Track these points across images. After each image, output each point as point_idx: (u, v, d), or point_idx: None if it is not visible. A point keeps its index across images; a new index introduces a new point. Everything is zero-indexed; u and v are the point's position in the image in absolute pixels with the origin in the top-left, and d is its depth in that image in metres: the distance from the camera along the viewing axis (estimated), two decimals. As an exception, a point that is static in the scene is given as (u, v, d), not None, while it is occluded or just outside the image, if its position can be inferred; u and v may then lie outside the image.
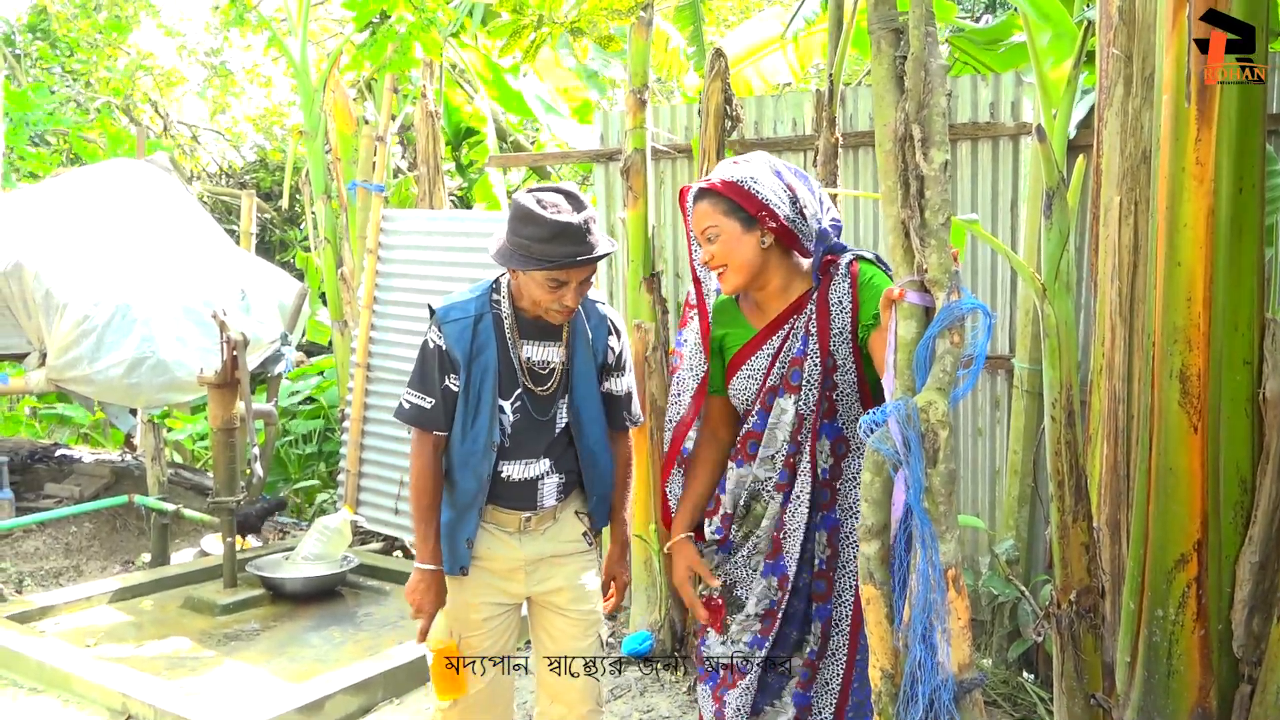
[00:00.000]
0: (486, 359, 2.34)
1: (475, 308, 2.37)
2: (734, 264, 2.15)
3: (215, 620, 4.49)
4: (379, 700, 3.61)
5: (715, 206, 2.15)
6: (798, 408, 2.17)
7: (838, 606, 2.21)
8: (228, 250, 6.29)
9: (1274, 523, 2.31)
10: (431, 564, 2.38)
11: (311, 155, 6.79)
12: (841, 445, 2.21)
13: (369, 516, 5.72)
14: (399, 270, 5.73)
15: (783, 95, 4.00)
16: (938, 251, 1.48)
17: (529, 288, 2.29)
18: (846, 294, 2.17)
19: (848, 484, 2.22)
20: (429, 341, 2.38)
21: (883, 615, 1.56)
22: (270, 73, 13.32)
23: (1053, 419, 2.49)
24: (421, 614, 2.41)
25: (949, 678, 1.44)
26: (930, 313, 1.53)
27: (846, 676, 2.20)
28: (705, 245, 2.17)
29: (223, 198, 11.69)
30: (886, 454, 1.48)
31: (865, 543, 1.56)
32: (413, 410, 2.39)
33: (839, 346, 2.16)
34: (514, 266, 2.27)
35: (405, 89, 7.70)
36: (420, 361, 2.40)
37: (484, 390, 2.34)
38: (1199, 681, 2.35)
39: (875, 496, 1.54)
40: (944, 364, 1.47)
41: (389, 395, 5.70)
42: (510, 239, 2.26)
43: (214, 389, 4.69)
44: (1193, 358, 2.27)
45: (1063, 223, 2.37)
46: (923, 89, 1.48)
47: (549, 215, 2.20)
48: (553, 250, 2.20)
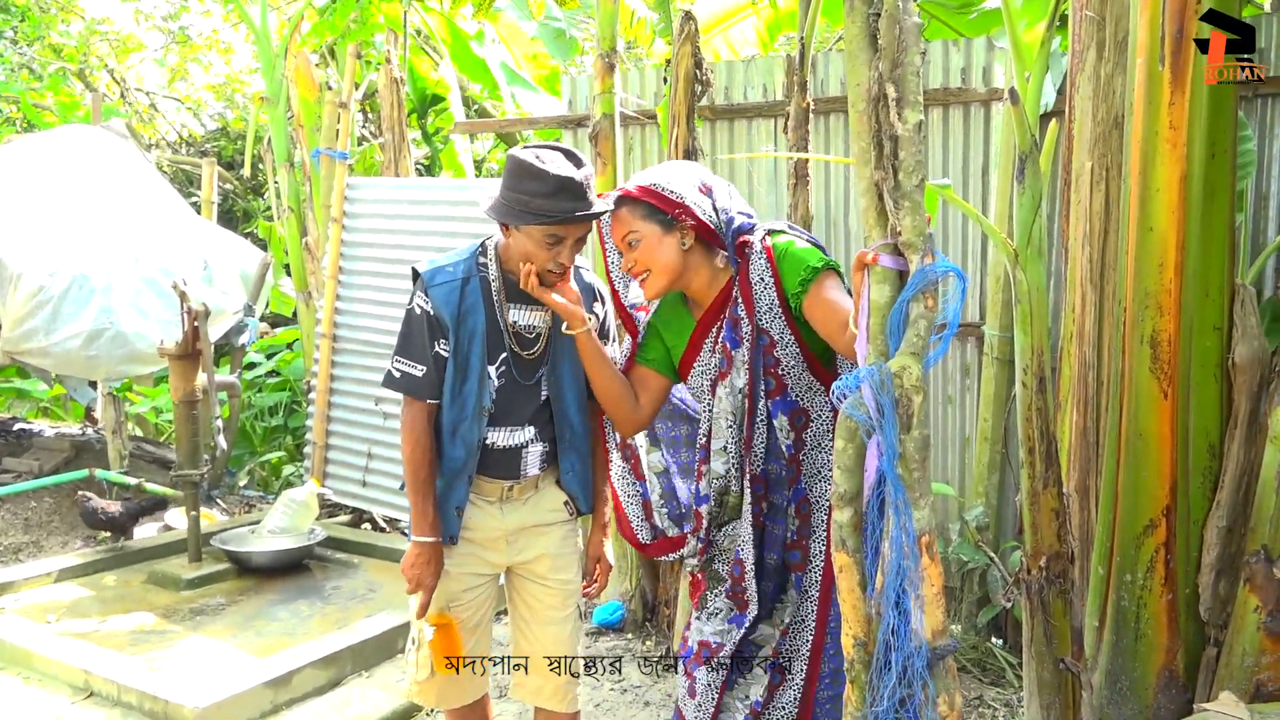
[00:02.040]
0: (474, 322, 2.29)
1: (462, 270, 2.31)
2: (656, 268, 2.15)
3: (180, 595, 4.43)
4: (347, 674, 3.58)
5: (633, 212, 2.15)
6: (730, 394, 2.17)
7: (809, 572, 2.20)
8: (188, 219, 6.15)
9: (1241, 487, 2.32)
10: (430, 536, 2.32)
11: (274, 123, 6.65)
12: (800, 417, 2.20)
13: (336, 489, 5.66)
14: (365, 239, 5.63)
15: (753, 61, 3.94)
16: (911, 214, 1.45)
17: (524, 245, 2.22)
18: (766, 269, 2.17)
19: (812, 451, 2.22)
20: (416, 307, 2.31)
21: (855, 583, 1.55)
22: (231, 39, 13.02)
23: (1024, 385, 2.49)
24: (421, 588, 2.34)
25: (922, 644, 1.42)
26: (903, 276, 1.50)
27: (817, 643, 2.19)
28: (626, 252, 2.17)
29: (183, 166, 11.43)
30: (860, 420, 1.45)
31: (838, 510, 1.54)
32: (404, 379, 2.32)
33: (772, 323, 2.15)
34: (512, 221, 2.20)
35: (369, 55, 7.54)
36: (406, 327, 2.33)
37: (472, 354, 2.29)
38: (1166, 645, 2.37)
39: (848, 464, 1.52)
40: (918, 328, 1.44)
41: (355, 366, 5.63)
42: (508, 194, 2.20)
43: (175, 361, 4.59)
44: (1164, 323, 2.27)
45: (1035, 188, 2.35)
46: (896, 47, 1.44)
47: (550, 169, 2.14)
48: (553, 205, 2.14)
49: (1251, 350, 2.27)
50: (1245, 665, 2.23)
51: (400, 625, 3.80)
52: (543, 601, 2.50)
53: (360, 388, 5.60)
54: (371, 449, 5.54)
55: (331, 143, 6.11)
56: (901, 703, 1.46)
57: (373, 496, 5.55)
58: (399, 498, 5.42)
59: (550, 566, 2.49)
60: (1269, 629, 2.19)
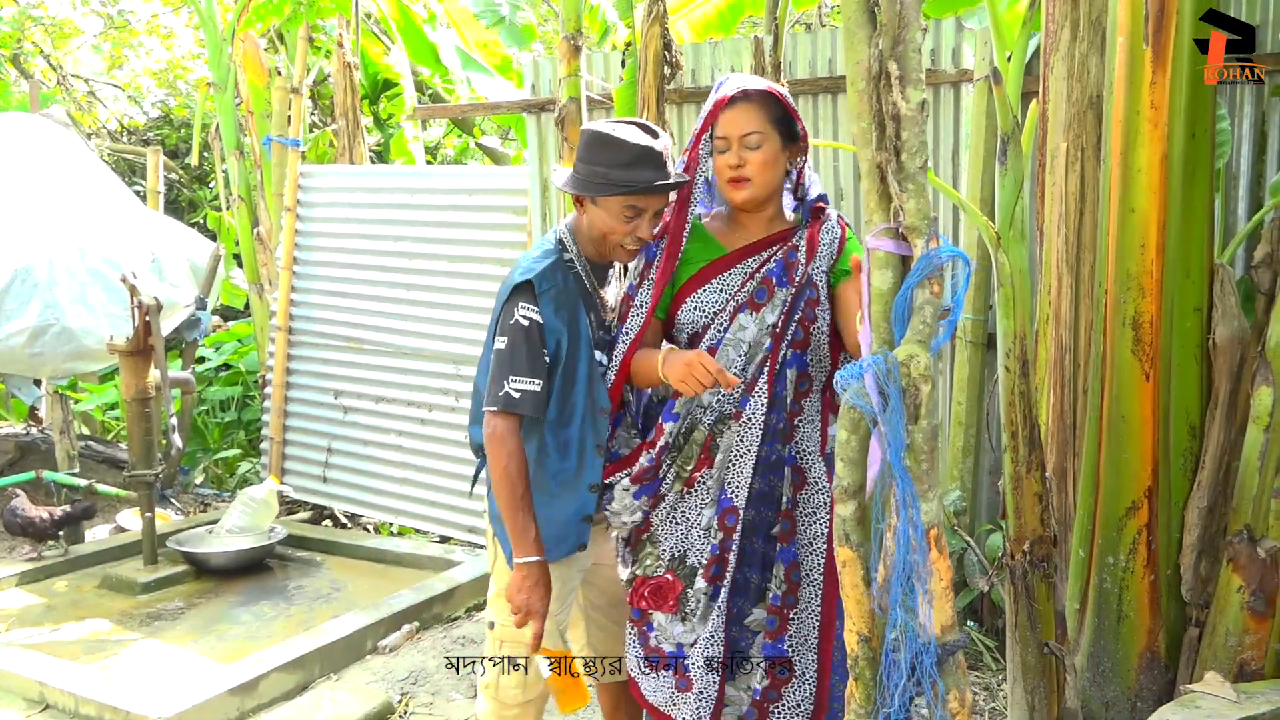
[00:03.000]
0: (580, 320, 2.19)
1: (560, 270, 2.18)
2: (761, 179, 2.07)
3: (136, 600, 4.29)
4: (316, 677, 3.48)
5: (764, 113, 2.05)
6: (758, 325, 2.11)
7: (807, 556, 2.14)
8: (135, 210, 5.94)
9: (1221, 467, 2.33)
10: (535, 554, 2.13)
11: (221, 109, 6.45)
12: (805, 381, 2.15)
13: (296, 485, 5.53)
14: (320, 229, 5.49)
15: (720, 43, 3.88)
16: (915, 197, 1.40)
17: (601, 219, 2.15)
18: (835, 242, 2.17)
19: (806, 424, 2.16)
20: (523, 319, 2.12)
21: (859, 578, 1.50)
22: (172, 23, 12.63)
23: (1006, 369, 2.47)
24: (533, 615, 2.13)
25: (931, 641, 1.38)
26: (906, 262, 1.45)
27: (826, 631, 2.12)
28: (741, 151, 2.05)
29: (125, 155, 11.09)
30: (865, 410, 1.41)
31: (841, 504, 1.50)
32: (526, 398, 2.12)
33: (824, 284, 2.14)
34: (590, 193, 2.13)
35: (319, 40, 7.35)
36: (515, 343, 2.13)
37: (580, 354, 2.18)
38: (1148, 626, 2.38)
39: (851, 456, 1.47)
40: (924, 315, 1.40)
41: (313, 359, 5.50)
42: (584, 167, 2.14)
43: (126, 357, 4.43)
44: (1145, 305, 2.26)
45: (1018, 169, 2.32)
46: (898, 23, 1.39)
47: (629, 139, 2.09)
48: (633, 175, 2.08)
49: (1231, 331, 2.27)
50: (1229, 645, 2.23)
51: (371, 625, 3.71)
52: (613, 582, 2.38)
53: (318, 381, 5.47)
54: (331, 444, 5.41)
55: (283, 129, 5.94)
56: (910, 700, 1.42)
57: (333, 492, 5.43)
58: (360, 493, 5.32)
59: (609, 549, 2.39)
60: (1252, 608, 2.20)
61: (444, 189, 4.96)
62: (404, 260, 5.06)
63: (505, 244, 4.68)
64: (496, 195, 4.76)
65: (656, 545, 2.20)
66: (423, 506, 5.07)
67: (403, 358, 5.10)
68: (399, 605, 3.86)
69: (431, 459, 5.03)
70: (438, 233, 4.94)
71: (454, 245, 4.88)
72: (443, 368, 4.96)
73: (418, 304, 5.03)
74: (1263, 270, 2.46)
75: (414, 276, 5.03)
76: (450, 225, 4.89)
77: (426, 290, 4.99)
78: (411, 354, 5.06)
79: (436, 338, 4.98)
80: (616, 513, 2.22)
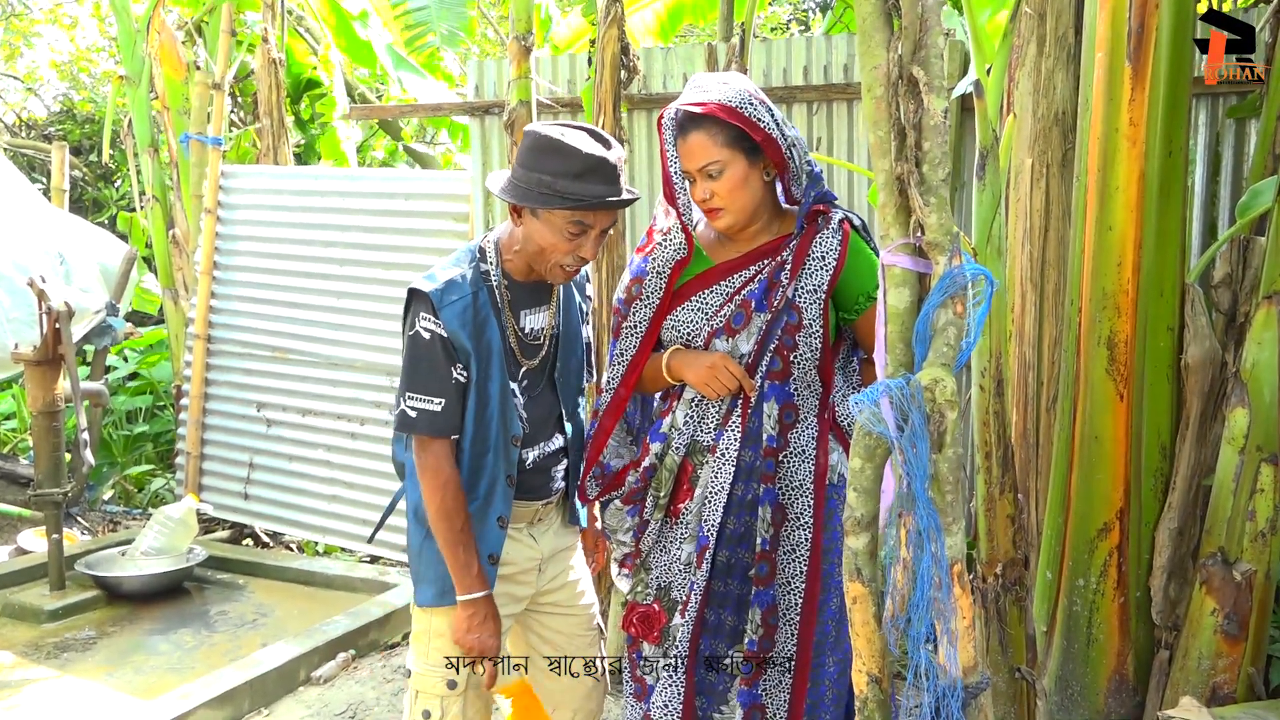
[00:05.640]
0: (490, 339, 2.00)
1: (471, 282, 1.99)
2: (735, 205, 1.91)
3: (42, 629, 3.98)
4: (246, 712, 3.25)
5: (715, 137, 1.88)
6: (732, 353, 1.97)
7: (786, 595, 2.02)
8: (40, 208, 5.58)
9: (1192, 488, 2.31)
10: (480, 589, 2.00)
11: (134, 104, 6.10)
12: (790, 413, 1.99)
13: (215, 503, 5.24)
14: (242, 232, 5.22)
15: (673, 48, 3.79)
16: (938, 210, 1.32)
17: (541, 235, 1.94)
18: (834, 251, 1.97)
19: (792, 459, 2.01)
20: (423, 331, 1.95)
21: (870, 615, 1.41)
22: (76, 12, 12.03)
23: (981, 389, 2.42)
24: (486, 652, 2.00)
25: (956, 683, 1.30)
26: (923, 279, 1.37)
27: (800, 677, 2.01)
28: (703, 182, 1.91)
29: (23, 151, 10.50)
30: (884, 435, 1.31)
31: (853, 536, 1.40)
32: (423, 417, 1.96)
33: (809, 305, 1.95)
34: (533, 204, 1.91)
35: (241, 34, 7.03)
36: (414, 358, 1.97)
37: (491, 377, 2.00)
38: (1117, 649, 2.35)
39: (865, 485, 1.38)
40: (947, 337, 1.31)
41: (233, 369, 5.22)
42: (527, 174, 1.92)
43: (33, 367, 4.12)
44: (1121, 324, 2.23)
45: (995, 185, 2.28)
46: (919, 27, 1.30)
47: (581, 148, 1.88)
48: (582, 188, 1.88)
49: (1204, 351, 2.26)
50: (1201, 668, 2.22)
51: (305, 654, 3.49)
52: (563, 632, 2.24)
53: (239, 393, 5.20)
54: (254, 458, 5.15)
55: (202, 127, 5.65)
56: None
57: (256, 510, 5.16)
58: (285, 510, 5.06)
59: (572, 593, 2.25)
60: (1226, 631, 2.18)
61: (379, 193, 4.76)
62: (335, 267, 4.84)
63: (444, 251, 4.50)
64: (435, 200, 4.58)
65: (648, 572, 2.11)
66: (352, 525, 4.84)
67: (332, 369, 4.88)
68: (333, 632, 3.65)
69: (361, 475, 4.81)
70: (372, 238, 4.74)
71: (389, 252, 4.68)
72: (375, 379, 4.75)
73: (349, 313, 4.81)
74: (1222, 290, 2.47)
75: (345, 284, 4.81)
76: (385, 231, 4.69)
77: (359, 299, 4.78)
78: (342, 365, 4.84)
79: (369, 348, 4.77)
80: (613, 530, 2.14)
